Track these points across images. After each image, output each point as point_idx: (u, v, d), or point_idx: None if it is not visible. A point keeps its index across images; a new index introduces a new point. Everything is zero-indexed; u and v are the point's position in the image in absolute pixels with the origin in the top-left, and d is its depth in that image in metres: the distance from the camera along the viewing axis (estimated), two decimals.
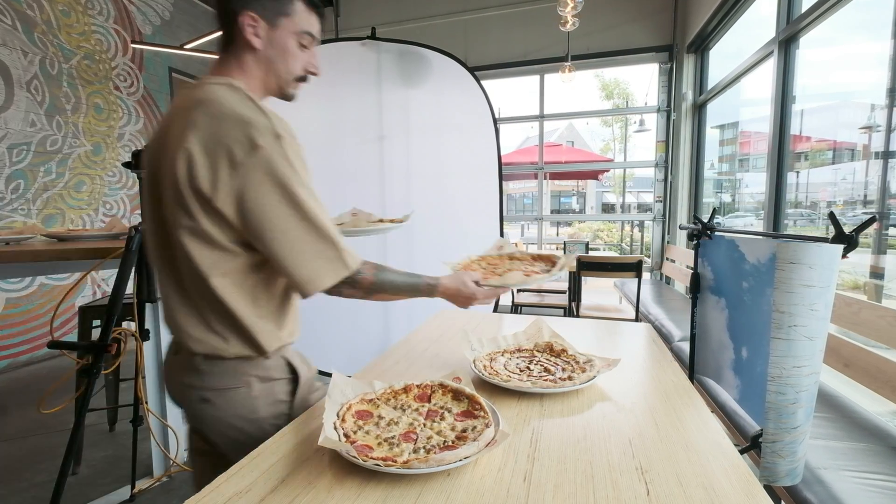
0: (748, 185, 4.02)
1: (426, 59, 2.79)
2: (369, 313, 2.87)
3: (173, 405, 1.84)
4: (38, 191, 3.45)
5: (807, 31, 2.51)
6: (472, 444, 0.64)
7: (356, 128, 2.80)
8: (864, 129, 2.53)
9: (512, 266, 1.18)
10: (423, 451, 0.65)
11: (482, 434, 0.67)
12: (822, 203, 2.92)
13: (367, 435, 0.70)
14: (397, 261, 2.85)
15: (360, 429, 0.72)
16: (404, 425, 0.73)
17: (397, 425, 0.73)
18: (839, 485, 1.11)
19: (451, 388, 0.84)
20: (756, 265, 1.02)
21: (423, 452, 0.65)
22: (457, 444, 0.66)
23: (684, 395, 0.90)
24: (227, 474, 0.63)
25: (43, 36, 3.47)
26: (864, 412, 1.50)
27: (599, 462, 0.66)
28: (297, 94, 0.91)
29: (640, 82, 16.99)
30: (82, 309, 2.00)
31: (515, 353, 1.10)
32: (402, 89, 2.81)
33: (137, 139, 4.26)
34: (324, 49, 2.79)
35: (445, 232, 2.85)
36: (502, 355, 1.08)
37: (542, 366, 1.01)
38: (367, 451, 0.65)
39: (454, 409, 0.78)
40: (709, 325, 1.30)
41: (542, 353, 1.09)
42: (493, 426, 0.70)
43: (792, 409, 0.86)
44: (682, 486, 0.60)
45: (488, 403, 0.78)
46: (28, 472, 1.94)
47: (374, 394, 0.82)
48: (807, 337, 0.84)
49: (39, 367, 3.32)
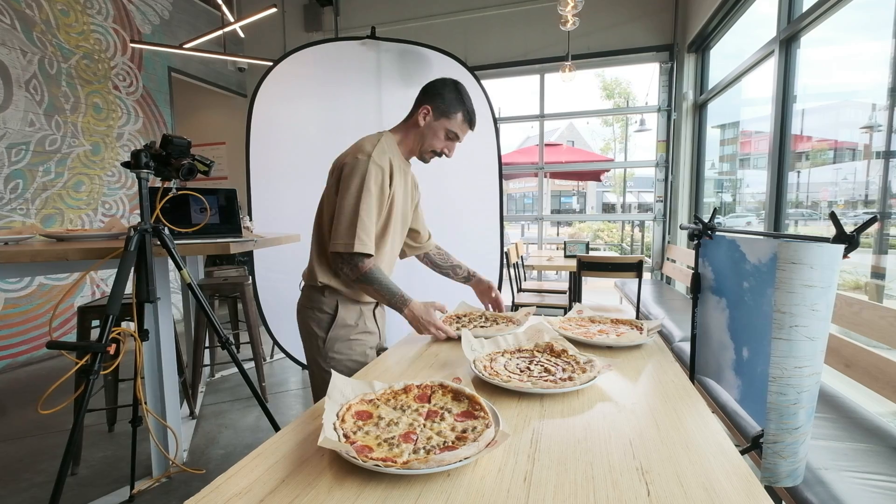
0: (749, 185, 4.02)
1: (426, 58, 2.79)
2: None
3: (172, 405, 1.84)
4: (36, 191, 3.45)
5: (808, 30, 2.51)
6: (472, 444, 0.64)
7: (356, 127, 2.78)
8: (865, 129, 2.53)
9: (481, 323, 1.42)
10: (423, 451, 0.65)
11: (482, 434, 0.67)
12: (823, 203, 2.92)
13: (366, 435, 0.70)
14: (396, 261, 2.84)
15: (360, 429, 0.71)
16: (404, 426, 0.73)
17: (397, 426, 0.73)
18: (840, 485, 1.11)
19: (451, 389, 0.84)
20: (757, 265, 1.02)
21: (422, 453, 0.64)
22: (457, 445, 0.66)
23: (685, 395, 0.90)
24: (226, 474, 0.63)
25: (42, 35, 3.47)
26: (865, 413, 1.50)
27: (600, 462, 0.66)
28: (429, 161, 1.39)
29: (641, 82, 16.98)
30: (81, 309, 2.00)
31: (516, 354, 1.10)
32: (401, 89, 2.80)
33: (136, 139, 4.26)
34: (323, 48, 2.79)
35: (445, 232, 2.84)
36: (502, 355, 1.08)
37: (543, 366, 1.01)
38: (366, 451, 0.65)
39: (454, 410, 0.78)
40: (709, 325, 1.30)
41: (542, 354, 1.09)
42: (493, 426, 0.70)
43: (793, 409, 0.86)
44: (682, 487, 0.60)
45: (488, 404, 0.78)
46: (27, 472, 1.94)
47: (374, 394, 0.82)
48: (808, 337, 0.84)
49: (38, 367, 3.32)
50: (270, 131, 2.78)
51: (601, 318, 1.46)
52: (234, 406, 2.61)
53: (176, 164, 1.51)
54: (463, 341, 1.10)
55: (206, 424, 2.39)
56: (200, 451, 2.11)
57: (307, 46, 2.78)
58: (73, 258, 1.52)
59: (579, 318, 1.48)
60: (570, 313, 1.52)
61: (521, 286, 3.95)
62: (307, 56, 2.78)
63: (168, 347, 1.84)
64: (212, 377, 3.05)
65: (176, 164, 1.51)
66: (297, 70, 2.79)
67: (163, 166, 1.51)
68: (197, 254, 1.93)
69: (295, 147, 2.80)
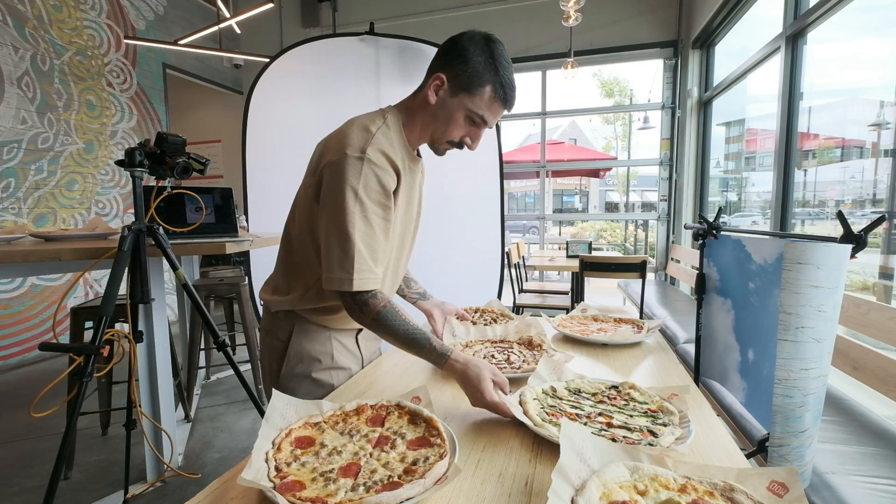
0: (755, 184, 4.02)
1: (426, 55, 2.79)
2: None
3: (167, 408, 1.84)
4: (29, 189, 3.45)
5: (815, 26, 2.50)
6: (418, 482, 0.58)
7: None
8: (873, 127, 2.53)
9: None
10: (363, 488, 0.59)
11: (432, 468, 0.61)
12: (831, 202, 2.92)
13: (302, 468, 0.64)
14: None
15: (297, 459, 0.65)
16: (348, 455, 0.67)
17: (340, 455, 0.67)
18: (848, 490, 1.11)
19: (408, 410, 0.78)
20: (763, 265, 1.02)
21: (361, 490, 0.59)
22: (402, 481, 0.60)
23: (689, 398, 0.90)
24: (222, 478, 0.63)
25: (34, 31, 3.47)
26: (873, 415, 1.50)
27: None
28: (445, 153, 1.02)
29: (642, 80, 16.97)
30: (74, 310, 2.00)
31: (497, 344, 1.20)
32: (401, 86, 2.80)
33: (130, 137, 4.26)
34: (320, 45, 2.79)
35: (445, 231, 2.85)
36: (481, 343, 1.18)
37: (508, 356, 1.11)
38: (297, 488, 0.59)
39: (408, 435, 0.72)
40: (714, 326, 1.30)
41: (519, 346, 1.18)
42: (447, 457, 0.64)
43: (799, 412, 0.86)
44: None
45: (447, 429, 0.72)
46: (19, 476, 1.94)
47: (322, 416, 0.75)
48: (814, 339, 0.84)
49: (31, 369, 3.32)
50: (267, 129, 2.78)
51: (604, 316, 1.47)
52: (230, 409, 2.61)
53: (171, 162, 1.51)
54: (445, 326, 1.20)
55: (201, 428, 2.39)
56: (196, 455, 2.11)
57: (304, 43, 2.78)
58: (67, 258, 1.52)
59: (582, 316, 1.49)
60: (573, 311, 1.55)
61: (523, 287, 3.95)
62: (304, 52, 2.78)
63: (163, 349, 1.83)
64: (207, 379, 3.05)
65: (171, 162, 1.51)
66: (295, 67, 2.79)
67: (157, 165, 1.51)
68: (192, 254, 1.93)
69: (292, 145, 2.80)
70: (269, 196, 2.80)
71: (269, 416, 0.71)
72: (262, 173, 2.78)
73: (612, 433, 0.73)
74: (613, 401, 0.86)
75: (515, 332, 1.27)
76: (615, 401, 0.86)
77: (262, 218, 2.78)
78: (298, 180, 1.01)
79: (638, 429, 0.75)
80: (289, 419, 0.74)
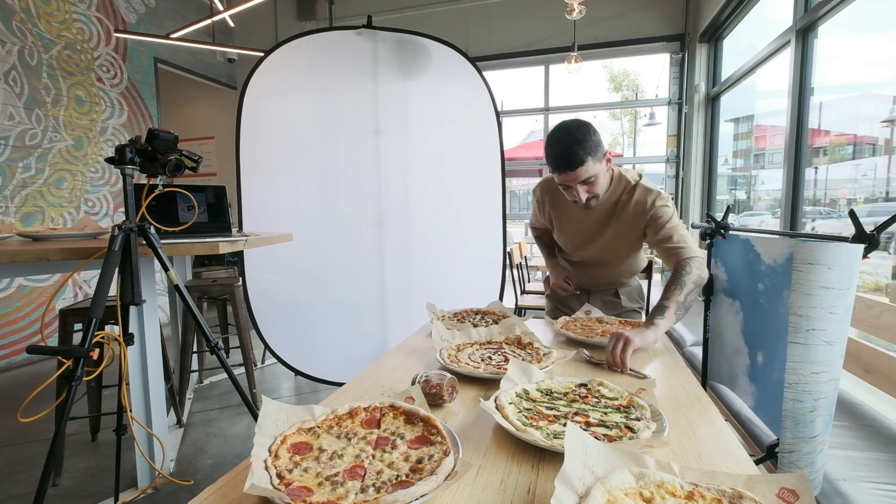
0: (764, 182, 4.02)
1: (425, 48, 2.78)
2: (365, 315, 2.87)
3: (159, 413, 1.84)
4: (16, 188, 3.45)
5: (826, 19, 2.51)
6: (430, 478, 0.59)
7: (351, 121, 2.80)
8: (885, 123, 2.53)
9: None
10: (373, 489, 0.59)
11: (441, 464, 0.62)
12: (842, 200, 2.92)
13: (305, 473, 0.63)
14: (395, 261, 2.85)
15: (298, 465, 0.65)
16: (350, 458, 0.67)
17: (341, 458, 0.67)
18: (860, 497, 1.11)
19: (403, 410, 0.78)
20: (772, 266, 1.02)
21: (372, 491, 0.59)
22: (412, 479, 0.61)
23: (696, 402, 0.90)
24: (215, 485, 0.63)
25: (21, 25, 3.47)
26: (886, 421, 1.50)
27: None
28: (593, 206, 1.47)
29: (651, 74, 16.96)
30: (63, 312, 2.00)
31: (485, 345, 1.24)
32: (399, 81, 2.80)
33: (121, 133, 4.26)
34: (317, 38, 2.79)
35: (445, 231, 2.85)
36: (472, 346, 1.22)
37: (504, 356, 1.13)
38: (305, 494, 0.59)
39: (407, 435, 0.72)
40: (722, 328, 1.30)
41: (509, 346, 1.22)
42: (452, 454, 0.65)
43: (810, 417, 0.86)
44: None
45: (445, 426, 0.73)
46: (6, 483, 1.94)
47: (314, 421, 0.75)
48: (825, 341, 0.84)
49: (18, 372, 3.32)
50: (261, 125, 2.78)
51: (609, 318, 1.47)
52: (224, 414, 2.61)
53: (162, 159, 1.51)
54: (432, 329, 1.23)
55: (194, 433, 2.39)
56: (188, 461, 2.11)
57: (300, 36, 2.78)
58: (55, 258, 1.51)
59: (586, 318, 1.49)
60: (577, 313, 1.54)
61: (525, 288, 3.95)
62: (300, 46, 2.78)
63: (154, 352, 1.83)
64: (200, 383, 3.05)
65: (162, 159, 1.51)
66: (290, 61, 2.79)
67: (148, 162, 1.51)
68: (184, 254, 1.93)
69: (287, 142, 2.80)
70: (264, 194, 2.80)
71: (262, 424, 0.72)
72: (256, 170, 2.78)
73: (593, 432, 0.74)
74: (585, 399, 0.88)
75: (500, 333, 1.31)
76: (587, 399, 0.88)
77: (257, 217, 2.78)
78: (294, 178, 1.02)
79: (615, 425, 0.77)
80: (281, 425, 0.74)
